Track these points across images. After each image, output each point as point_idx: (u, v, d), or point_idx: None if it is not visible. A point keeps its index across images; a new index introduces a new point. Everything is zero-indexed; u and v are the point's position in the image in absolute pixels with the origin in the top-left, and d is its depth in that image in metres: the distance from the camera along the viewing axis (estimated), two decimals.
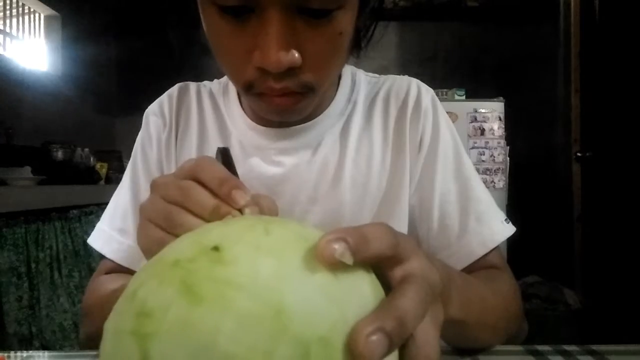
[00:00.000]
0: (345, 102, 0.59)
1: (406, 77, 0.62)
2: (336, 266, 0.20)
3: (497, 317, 0.43)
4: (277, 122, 0.54)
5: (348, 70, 0.61)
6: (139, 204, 0.57)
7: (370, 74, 0.63)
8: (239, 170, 0.55)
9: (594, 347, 0.45)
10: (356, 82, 0.61)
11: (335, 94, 0.58)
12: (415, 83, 0.60)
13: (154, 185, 0.33)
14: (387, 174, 0.56)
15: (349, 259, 0.20)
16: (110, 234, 0.58)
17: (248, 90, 0.45)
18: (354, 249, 0.21)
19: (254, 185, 0.55)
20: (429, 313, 0.23)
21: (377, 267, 0.24)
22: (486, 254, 0.54)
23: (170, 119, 0.60)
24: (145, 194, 0.57)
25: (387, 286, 0.24)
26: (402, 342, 0.20)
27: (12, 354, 0.47)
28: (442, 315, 0.26)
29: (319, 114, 0.56)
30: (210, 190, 0.29)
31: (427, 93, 0.59)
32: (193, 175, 0.31)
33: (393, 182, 0.56)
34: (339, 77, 0.60)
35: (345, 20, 0.42)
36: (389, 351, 0.19)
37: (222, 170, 0.31)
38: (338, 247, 0.20)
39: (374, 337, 0.18)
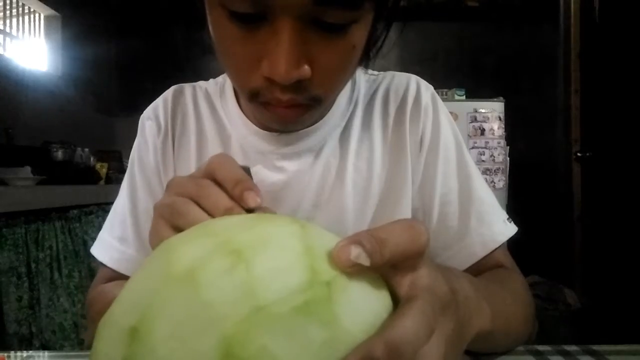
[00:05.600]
0: (347, 103, 0.57)
1: (405, 73, 0.60)
2: (353, 269, 0.21)
3: (519, 321, 0.43)
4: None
5: None
6: (137, 211, 0.57)
7: (370, 70, 0.61)
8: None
9: (594, 347, 0.45)
10: (356, 81, 0.59)
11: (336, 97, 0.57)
12: (414, 80, 0.58)
13: (170, 184, 0.33)
14: (389, 174, 0.55)
15: (365, 261, 0.21)
16: (110, 242, 0.57)
17: (253, 99, 0.43)
18: (370, 251, 0.21)
19: None
20: (437, 329, 0.22)
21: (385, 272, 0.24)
22: (491, 254, 0.53)
23: (166, 123, 0.58)
24: (143, 201, 0.57)
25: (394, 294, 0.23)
26: None
27: (12, 354, 0.47)
28: (451, 326, 0.25)
29: (321, 117, 0.55)
30: (224, 189, 0.30)
31: (427, 90, 0.58)
32: (210, 173, 0.31)
33: (393, 183, 0.55)
34: None
35: (359, 35, 0.40)
36: None
37: (238, 170, 0.31)
38: (354, 250, 0.21)
39: None
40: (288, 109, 0.43)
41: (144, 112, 0.60)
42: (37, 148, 2.01)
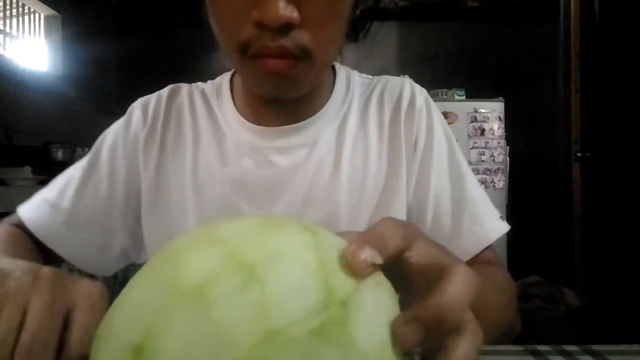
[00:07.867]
0: (341, 101, 0.58)
1: (399, 77, 0.62)
2: (369, 270, 0.21)
3: (501, 314, 0.44)
4: (273, 121, 0.54)
5: (343, 72, 0.61)
6: (84, 188, 0.57)
7: (364, 75, 0.63)
8: (235, 172, 0.55)
9: (594, 347, 0.45)
10: (351, 82, 0.60)
11: (331, 94, 0.58)
12: (408, 83, 0.60)
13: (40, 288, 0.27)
14: (384, 173, 0.56)
15: (379, 260, 0.22)
16: (41, 203, 0.57)
17: (243, 53, 0.44)
18: (377, 248, 0.22)
19: (250, 187, 0.54)
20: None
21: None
22: (481, 252, 0.54)
23: (154, 120, 0.59)
24: (98, 179, 0.57)
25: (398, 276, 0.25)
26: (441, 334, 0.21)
27: None
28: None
29: (315, 113, 0.56)
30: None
31: (421, 93, 0.59)
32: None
33: (388, 181, 0.56)
34: (334, 77, 0.60)
35: None
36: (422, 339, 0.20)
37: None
38: (366, 254, 0.21)
39: (406, 329, 0.20)
40: (279, 60, 0.43)
41: (137, 100, 0.61)
42: (37, 148, 2.01)
